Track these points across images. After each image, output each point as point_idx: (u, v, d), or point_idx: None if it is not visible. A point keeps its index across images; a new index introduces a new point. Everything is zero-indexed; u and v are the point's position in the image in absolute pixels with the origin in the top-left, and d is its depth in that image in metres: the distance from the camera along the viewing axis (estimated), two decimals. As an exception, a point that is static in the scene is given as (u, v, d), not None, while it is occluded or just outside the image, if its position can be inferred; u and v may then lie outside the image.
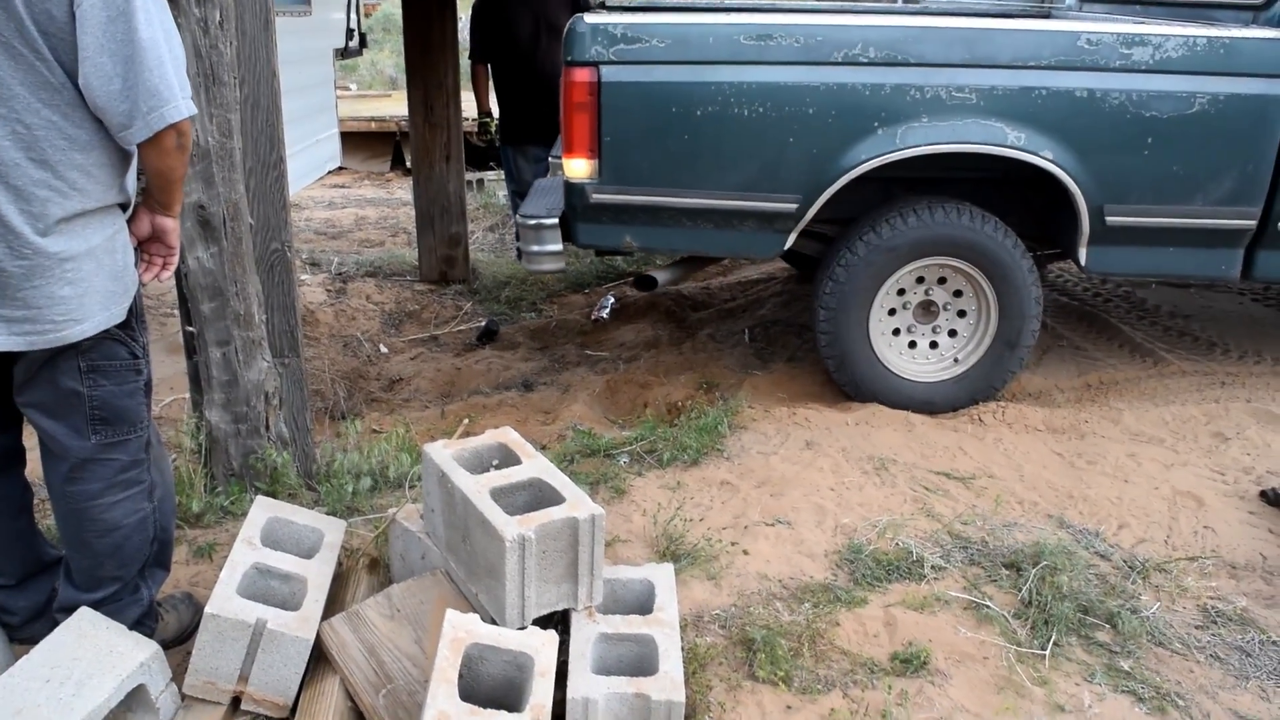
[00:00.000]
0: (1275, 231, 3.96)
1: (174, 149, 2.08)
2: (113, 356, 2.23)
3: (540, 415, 4.30)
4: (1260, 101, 3.80)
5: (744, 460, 3.52)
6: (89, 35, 1.92)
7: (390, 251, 7.34)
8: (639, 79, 3.68)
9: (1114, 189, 3.83)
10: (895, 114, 3.70)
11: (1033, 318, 3.97)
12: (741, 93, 3.68)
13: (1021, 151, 3.74)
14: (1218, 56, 3.77)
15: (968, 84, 3.70)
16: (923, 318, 4.11)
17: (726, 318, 5.45)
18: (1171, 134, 3.77)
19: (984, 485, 3.43)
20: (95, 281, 2.10)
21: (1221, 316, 5.35)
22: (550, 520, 2.24)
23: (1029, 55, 3.74)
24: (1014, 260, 3.92)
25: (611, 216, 3.86)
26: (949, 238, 3.90)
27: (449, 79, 6.26)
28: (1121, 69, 3.74)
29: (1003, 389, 4.11)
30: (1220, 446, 3.80)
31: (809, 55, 3.70)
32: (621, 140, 3.74)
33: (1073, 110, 3.74)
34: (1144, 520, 3.27)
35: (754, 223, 3.87)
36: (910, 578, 2.87)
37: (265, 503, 2.74)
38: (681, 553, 2.92)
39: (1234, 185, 3.86)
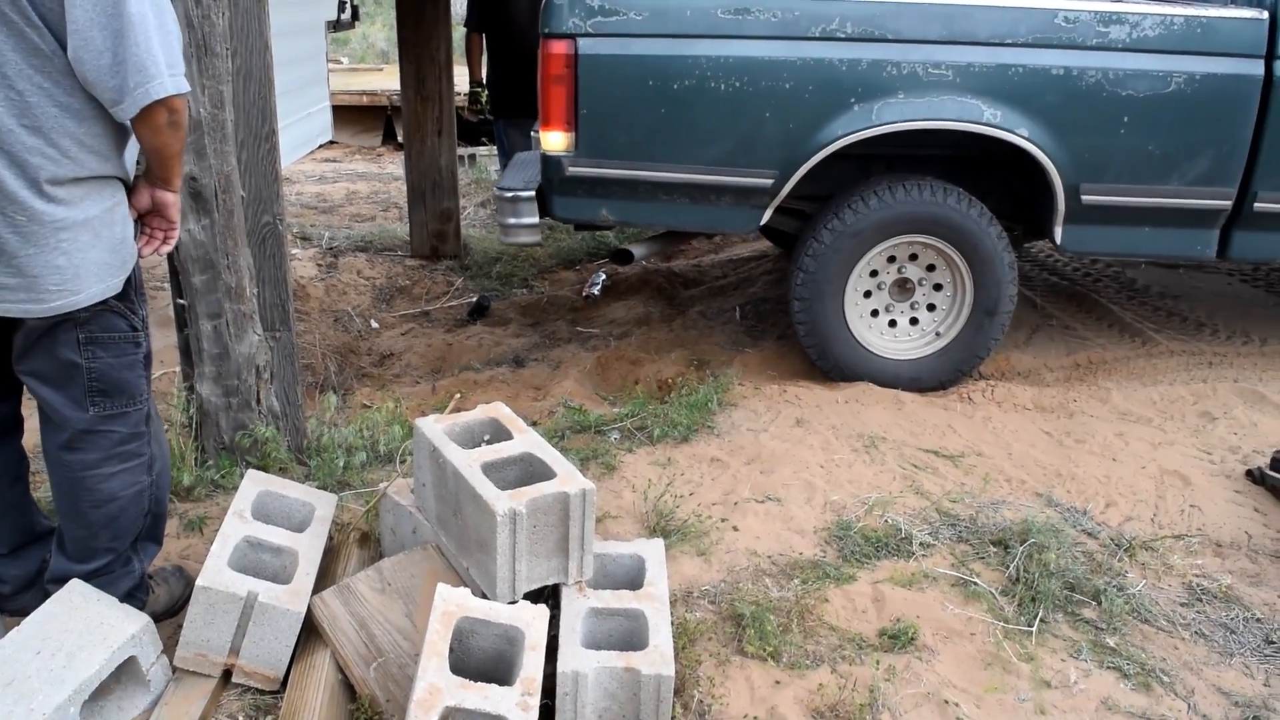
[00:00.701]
0: (1251, 212, 3.97)
1: (165, 126, 2.07)
2: (111, 329, 2.23)
3: (531, 391, 4.30)
4: (1236, 81, 3.80)
5: (734, 437, 3.53)
6: (79, 8, 1.92)
7: (381, 226, 7.31)
8: (616, 52, 3.67)
9: (1090, 168, 3.84)
10: (872, 90, 3.69)
11: (1008, 283, 3.97)
12: (718, 66, 3.67)
13: (998, 129, 3.74)
14: (1195, 35, 3.77)
15: (944, 60, 3.70)
16: (899, 295, 4.11)
17: (717, 295, 5.45)
18: (1148, 113, 3.78)
19: (973, 463, 3.45)
20: (92, 253, 2.10)
21: (1210, 297, 5.37)
22: (541, 495, 2.25)
23: (1006, 32, 3.73)
24: (981, 229, 3.91)
25: (588, 190, 3.86)
26: (911, 215, 3.90)
27: (441, 53, 6.22)
28: (1098, 47, 3.75)
29: (987, 357, 4.12)
30: (1207, 426, 3.83)
31: (786, 30, 3.69)
32: (598, 113, 3.73)
33: (1049, 88, 3.74)
34: (1131, 499, 3.29)
35: (730, 198, 3.87)
36: (899, 555, 2.89)
37: (256, 476, 2.74)
38: (671, 529, 2.93)
39: (1210, 165, 3.87)
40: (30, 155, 1.99)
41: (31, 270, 2.04)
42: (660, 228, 4.39)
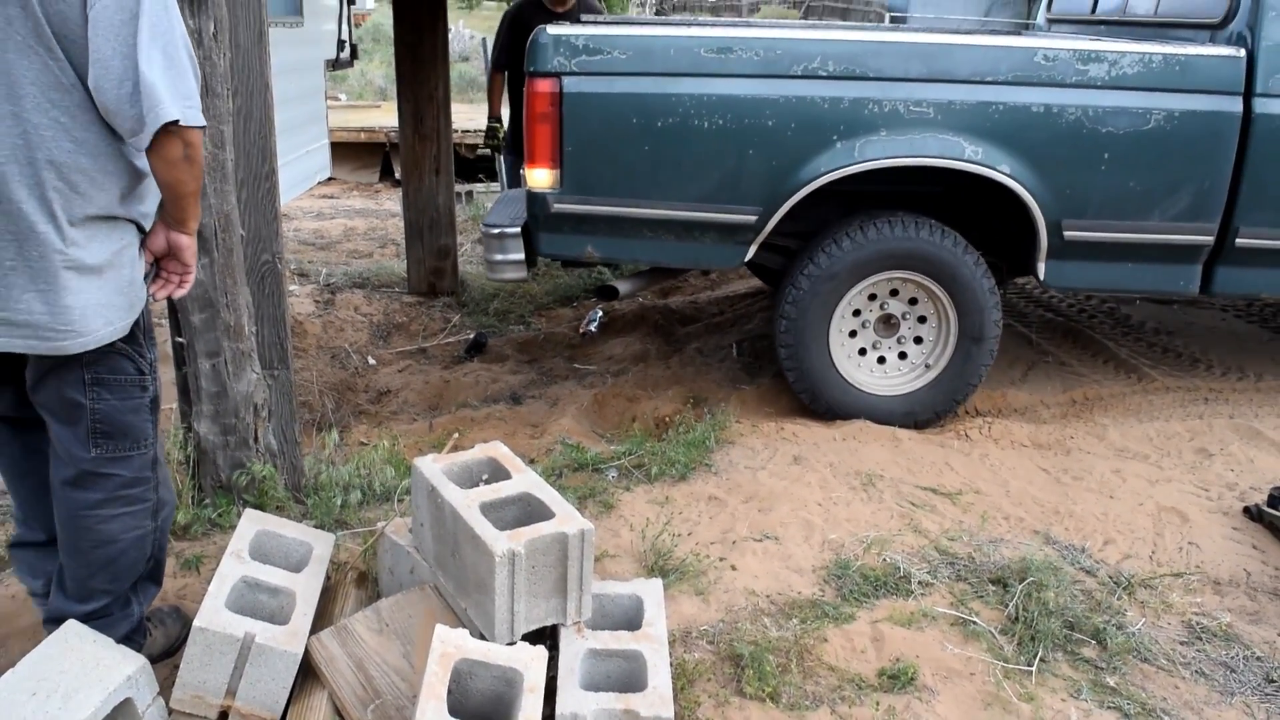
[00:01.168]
0: (1233, 247, 3.99)
1: (180, 160, 2.06)
2: (118, 371, 2.22)
3: (528, 429, 4.30)
4: (1215, 118, 3.84)
5: (732, 475, 3.53)
6: (101, 37, 1.93)
7: (379, 263, 7.33)
8: (601, 90, 3.71)
9: (1071, 204, 3.87)
10: (854, 127, 3.72)
11: (991, 308, 3.98)
12: (702, 104, 3.71)
13: (979, 165, 3.77)
14: (1173, 73, 3.81)
15: (926, 98, 3.73)
16: (885, 332, 4.12)
17: (714, 332, 5.47)
18: (1128, 149, 3.81)
19: (970, 501, 3.45)
20: (99, 295, 2.09)
21: (1205, 332, 5.40)
22: (540, 535, 2.24)
23: (986, 70, 3.77)
24: (957, 258, 3.92)
25: (573, 226, 3.88)
26: (885, 253, 3.92)
27: (439, 91, 6.27)
28: (1078, 84, 3.79)
29: (979, 384, 4.11)
30: (1204, 462, 3.83)
31: (769, 68, 3.73)
32: (583, 151, 3.76)
33: (1030, 125, 3.78)
34: (1129, 536, 3.29)
35: (714, 234, 3.89)
36: (897, 594, 2.88)
37: (254, 515, 2.73)
38: (670, 568, 2.92)
39: (1191, 201, 3.90)
40: (46, 190, 1.99)
41: (39, 308, 2.03)
42: (646, 264, 4.41)
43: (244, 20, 2.96)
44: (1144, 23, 4.77)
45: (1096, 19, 5.26)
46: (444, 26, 6.30)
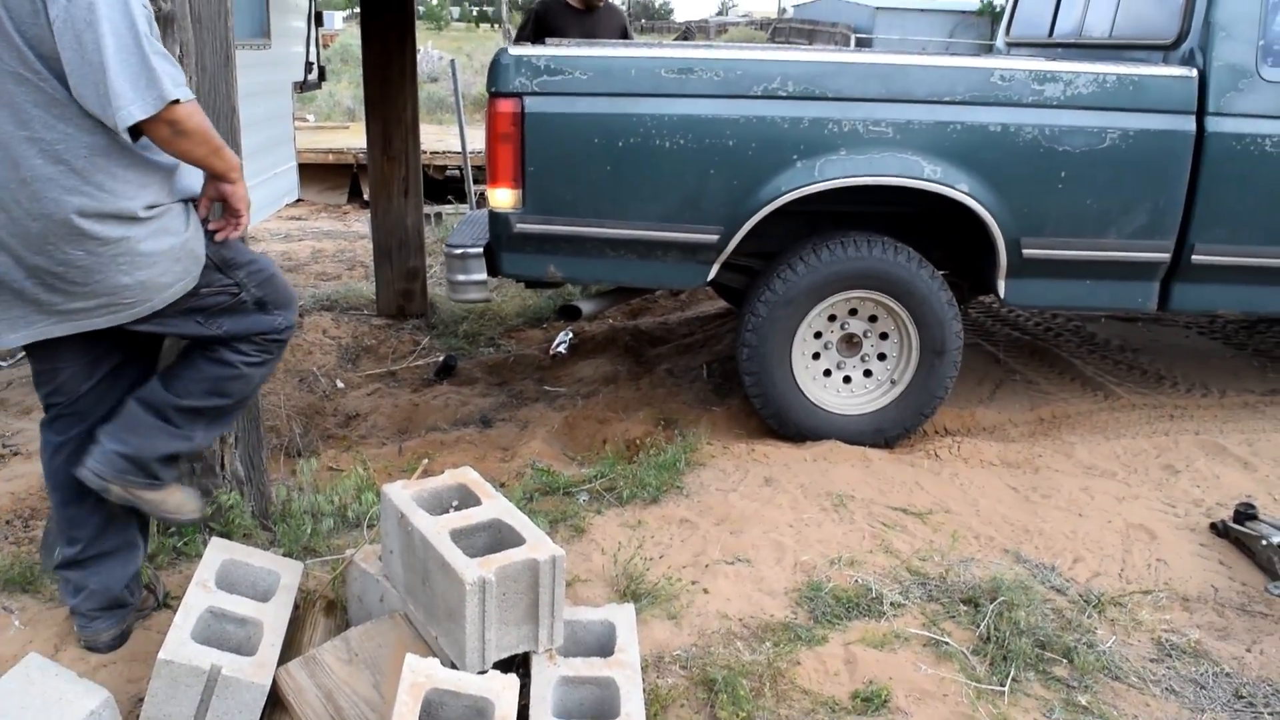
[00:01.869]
0: (1190, 264, 4.05)
1: (171, 137, 2.24)
2: (213, 304, 2.49)
3: (499, 452, 4.28)
4: (1169, 137, 3.90)
5: (703, 497, 3.52)
6: (67, 51, 2.10)
7: (347, 285, 7.29)
8: (562, 110, 3.71)
9: (1030, 222, 3.90)
10: (814, 147, 3.75)
11: (951, 319, 4.00)
12: (663, 124, 3.72)
13: (938, 184, 3.80)
14: (1127, 93, 3.87)
15: (884, 118, 3.76)
16: (848, 351, 4.14)
17: (684, 353, 5.47)
18: (1084, 168, 3.85)
19: (941, 520, 3.46)
20: (152, 269, 2.32)
21: (1169, 349, 5.46)
22: (511, 562, 2.23)
23: (944, 90, 3.81)
24: (911, 273, 3.94)
25: (535, 246, 3.88)
26: (839, 274, 3.94)
27: (408, 112, 6.26)
28: (1034, 104, 3.83)
29: (946, 396, 4.13)
30: (1170, 479, 3.87)
31: (729, 89, 3.75)
32: (545, 170, 3.76)
33: (987, 144, 3.81)
34: (1098, 554, 3.31)
35: (676, 254, 3.90)
36: (870, 615, 2.88)
37: (220, 544, 2.70)
38: (642, 592, 2.91)
39: (1147, 219, 3.95)
40: (73, 195, 2.18)
41: (102, 292, 2.28)
42: (609, 284, 4.41)
43: (210, 44, 2.94)
44: (1100, 44, 4.85)
45: (1054, 42, 5.34)
46: (412, 48, 6.30)
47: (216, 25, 2.95)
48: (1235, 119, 3.93)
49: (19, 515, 3.58)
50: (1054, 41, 5.34)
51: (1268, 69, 3.95)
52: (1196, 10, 4.01)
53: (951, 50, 24.56)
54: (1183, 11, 4.08)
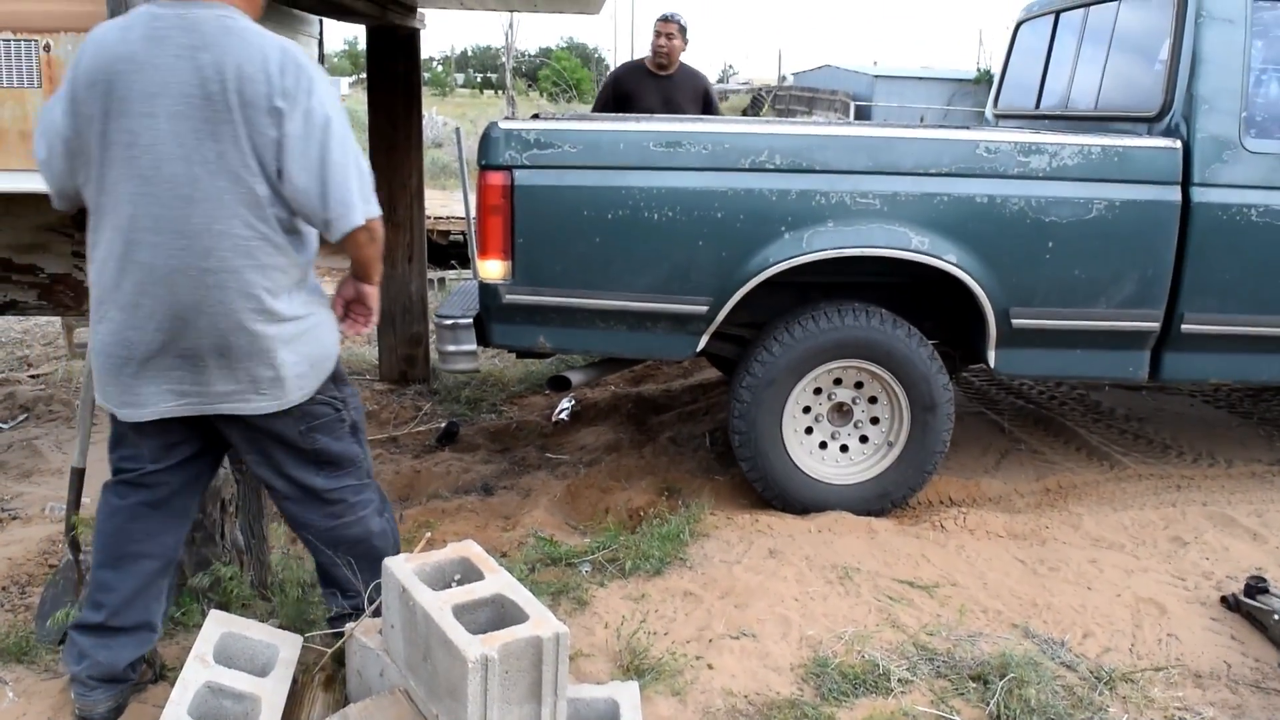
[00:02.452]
0: (1180, 333, 4.05)
1: (366, 243, 2.56)
2: (321, 415, 2.65)
3: (500, 521, 4.24)
4: (1155, 207, 3.92)
5: (707, 569, 3.49)
6: (298, 160, 2.36)
7: (350, 350, 7.29)
8: (551, 183, 3.74)
9: (1018, 292, 3.91)
10: (801, 219, 3.76)
11: (935, 374, 3.98)
12: (651, 197, 3.74)
13: (925, 255, 3.81)
14: (1112, 164, 3.90)
15: (872, 190, 3.78)
16: (840, 420, 4.12)
17: (688, 420, 5.45)
18: (1071, 238, 3.87)
19: (948, 594, 3.42)
20: (296, 368, 2.53)
21: (1174, 419, 5.44)
22: (514, 639, 2.19)
23: (930, 162, 3.84)
24: (887, 335, 3.94)
25: (525, 317, 3.89)
26: (817, 349, 3.93)
27: (413, 180, 6.31)
28: (1020, 175, 3.86)
29: (946, 450, 4.10)
30: (1179, 551, 3.83)
31: (717, 161, 3.77)
32: (534, 242, 3.78)
33: (974, 215, 3.83)
34: (1108, 629, 3.26)
35: (666, 324, 3.90)
36: (877, 691, 2.84)
37: (219, 617, 2.67)
38: (645, 667, 2.86)
39: (1136, 288, 3.96)
40: (253, 289, 2.41)
41: (245, 379, 2.47)
42: (599, 354, 4.41)
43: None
44: (1085, 117, 4.90)
45: (1040, 113, 5.41)
46: (418, 117, 6.37)
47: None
48: (1220, 189, 3.96)
49: (15, 581, 3.54)
50: (1041, 113, 5.41)
51: (1251, 140, 3.99)
52: (1179, 83, 4.06)
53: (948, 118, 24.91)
54: (1165, 84, 4.13)
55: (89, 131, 2.37)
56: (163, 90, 2.32)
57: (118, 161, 2.35)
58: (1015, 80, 5.82)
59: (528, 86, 47.12)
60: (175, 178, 2.33)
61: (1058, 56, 5.35)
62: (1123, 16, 4.73)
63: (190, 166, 2.33)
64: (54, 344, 7.07)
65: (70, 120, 2.39)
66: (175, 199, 2.34)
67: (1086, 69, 5.02)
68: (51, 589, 3.12)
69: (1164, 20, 4.22)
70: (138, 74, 2.32)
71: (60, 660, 2.77)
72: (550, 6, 6.72)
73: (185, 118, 2.32)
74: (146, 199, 2.35)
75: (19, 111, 3.29)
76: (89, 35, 2.44)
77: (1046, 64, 5.43)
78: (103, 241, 2.42)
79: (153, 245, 2.36)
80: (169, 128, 2.32)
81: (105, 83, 2.33)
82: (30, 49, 3.25)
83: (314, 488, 2.68)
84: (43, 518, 4.07)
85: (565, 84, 40.17)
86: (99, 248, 2.44)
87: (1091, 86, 4.94)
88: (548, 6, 6.73)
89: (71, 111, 2.38)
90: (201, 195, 2.34)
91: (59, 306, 4.35)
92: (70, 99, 2.38)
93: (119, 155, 2.35)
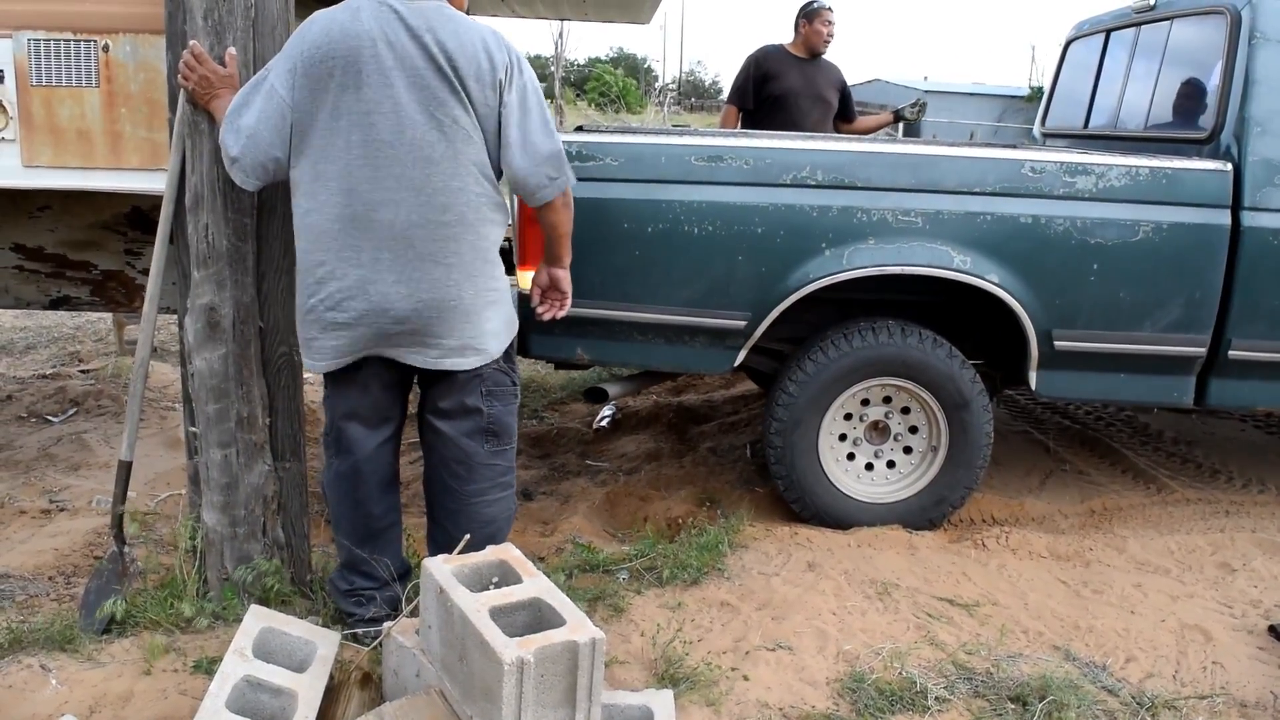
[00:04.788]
0: (1227, 360, 3.97)
1: (562, 207, 2.91)
2: (501, 383, 2.97)
3: (539, 526, 4.25)
4: (1204, 230, 3.85)
5: (745, 581, 3.47)
6: (511, 128, 2.73)
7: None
8: (592, 195, 3.73)
9: (1061, 314, 3.86)
10: (842, 235, 3.73)
11: (962, 372, 3.93)
12: (692, 211, 3.73)
13: (967, 275, 3.77)
14: (1160, 186, 3.84)
15: (914, 208, 3.75)
16: (878, 438, 4.09)
17: (728, 431, 5.44)
18: (1117, 261, 3.81)
19: (988, 613, 3.38)
20: (494, 324, 2.87)
21: (1224, 443, 5.35)
22: (550, 643, 2.19)
23: (974, 181, 3.80)
24: (909, 347, 3.89)
25: (564, 329, 3.87)
26: (841, 373, 3.90)
27: (460, 186, 6.34)
28: (1065, 196, 3.81)
29: (991, 444, 4.04)
30: (1227, 578, 3.76)
31: (758, 177, 3.76)
32: (574, 254, 3.78)
33: (1018, 236, 3.78)
34: (1151, 654, 3.21)
35: (704, 339, 3.89)
36: (914, 709, 2.81)
37: (259, 612, 2.69)
38: (680, 676, 2.85)
39: (1182, 312, 3.89)
40: (480, 243, 2.77)
41: (466, 335, 2.80)
42: (636, 367, 4.40)
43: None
44: (1134, 138, 4.84)
45: (1089, 133, 5.34)
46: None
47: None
48: (1272, 214, 3.88)
49: (61, 572, 3.60)
50: (1089, 133, 5.34)
51: None
52: (1231, 105, 4.00)
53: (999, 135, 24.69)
54: (1217, 107, 4.07)
55: (316, 102, 2.66)
56: (399, 65, 2.64)
57: (354, 128, 2.65)
58: (1064, 98, 5.76)
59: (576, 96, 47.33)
60: (416, 141, 2.65)
61: (1108, 75, 5.30)
62: (1175, 36, 4.68)
63: (428, 131, 2.65)
64: (105, 340, 7.18)
65: (293, 94, 2.66)
66: (417, 160, 2.65)
67: (1137, 89, 4.97)
68: (96, 580, 3.16)
69: (1217, 41, 4.17)
70: (374, 51, 2.63)
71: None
72: (600, 15, 6.75)
73: (421, 88, 2.64)
74: (389, 160, 2.65)
75: (76, 110, 3.34)
76: (314, 19, 2.73)
77: (1096, 83, 5.38)
78: (325, 205, 2.70)
79: (394, 203, 2.66)
80: (408, 97, 2.64)
81: (343, 58, 2.63)
82: (90, 49, 3.30)
83: (478, 456, 2.96)
84: (90, 510, 4.13)
85: (612, 95, 40.32)
86: (317, 212, 2.71)
87: (1141, 106, 4.88)
88: (598, 15, 6.76)
89: (297, 85, 2.66)
90: (439, 156, 2.67)
91: (111, 303, 4.41)
92: (294, 73, 2.66)
93: (355, 123, 2.64)
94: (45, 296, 4.35)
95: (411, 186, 2.67)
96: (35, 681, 2.70)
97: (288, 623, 2.70)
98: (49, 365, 6.55)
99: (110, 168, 3.37)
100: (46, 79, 3.32)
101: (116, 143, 3.35)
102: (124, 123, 3.33)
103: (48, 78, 3.31)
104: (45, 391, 5.69)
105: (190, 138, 2.94)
